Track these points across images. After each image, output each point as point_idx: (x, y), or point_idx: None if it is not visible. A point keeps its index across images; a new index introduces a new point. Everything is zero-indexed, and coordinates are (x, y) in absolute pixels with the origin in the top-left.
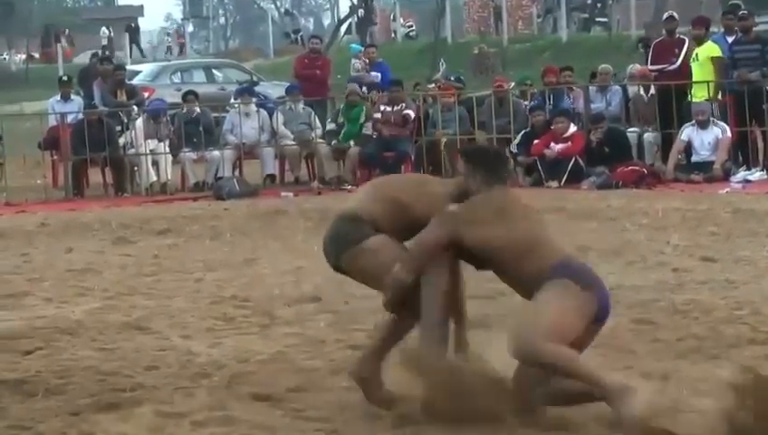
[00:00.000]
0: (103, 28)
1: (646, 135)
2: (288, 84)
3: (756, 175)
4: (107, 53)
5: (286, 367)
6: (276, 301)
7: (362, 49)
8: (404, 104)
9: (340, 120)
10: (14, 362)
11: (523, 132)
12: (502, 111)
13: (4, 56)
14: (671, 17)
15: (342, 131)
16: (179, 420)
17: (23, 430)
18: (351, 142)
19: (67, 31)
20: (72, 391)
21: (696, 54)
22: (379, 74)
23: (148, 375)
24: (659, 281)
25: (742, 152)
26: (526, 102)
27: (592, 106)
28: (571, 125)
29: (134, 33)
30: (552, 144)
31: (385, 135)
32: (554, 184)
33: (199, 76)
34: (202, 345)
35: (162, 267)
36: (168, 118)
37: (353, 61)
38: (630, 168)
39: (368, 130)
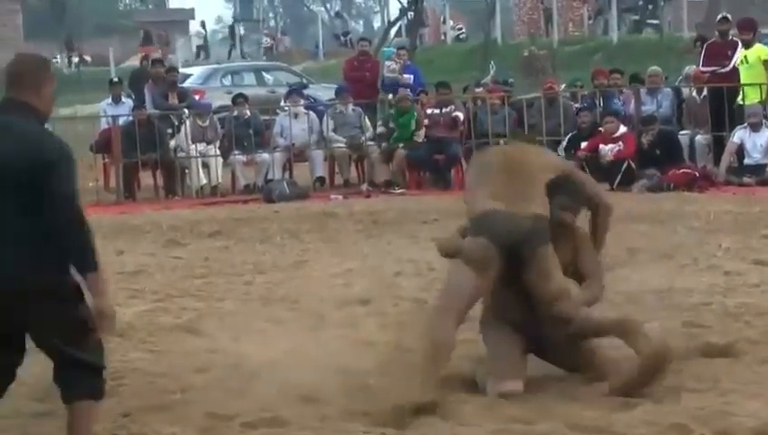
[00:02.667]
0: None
1: (697, 137)
2: (337, 86)
3: None
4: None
5: (335, 369)
6: (326, 303)
7: (394, 51)
8: (453, 106)
9: (391, 124)
10: None
11: (569, 135)
12: (552, 113)
13: (57, 59)
14: (724, 18)
15: (392, 136)
16: (229, 422)
17: None
18: (402, 148)
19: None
20: (123, 392)
21: (746, 57)
22: (411, 76)
23: (198, 377)
24: (711, 284)
25: None
26: (576, 104)
27: (643, 108)
28: (621, 126)
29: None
30: (602, 145)
31: (434, 138)
32: (606, 187)
33: (249, 79)
34: (252, 347)
35: (212, 270)
36: (217, 120)
37: (387, 62)
38: (682, 170)
39: (419, 137)
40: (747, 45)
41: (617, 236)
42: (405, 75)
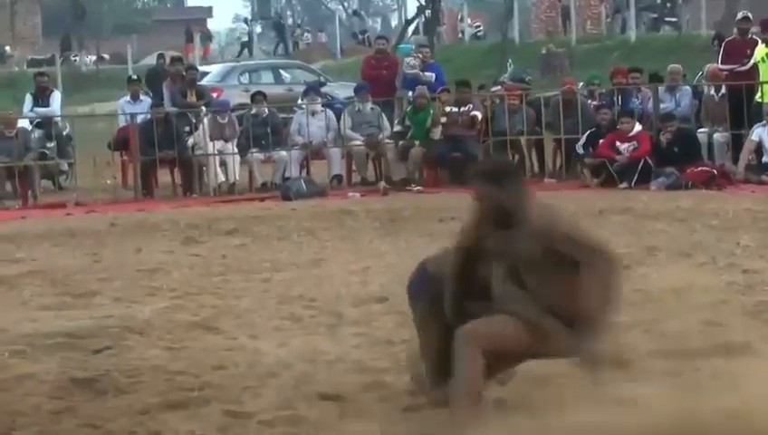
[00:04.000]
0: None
1: (716, 135)
2: (355, 85)
3: None
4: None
5: (353, 367)
6: (343, 301)
7: (413, 47)
8: (471, 105)
9: (407, 122)
10: (84, 360)
11: (588, 132)
12: (569, 112)
13: (75, 57)
14: (746, 18)
15: (409, 134)
16: (247, 420)
17: (92, 428)
18: (417, 143)
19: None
20: (141, 389)
21: (767, 54)
22: (434, 74)
23: (216, 374)
24: (729, 282)
25: None
26: (594, 103)
27: (661, 106)
28: (636, 124)
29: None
30: (618, 143)
31: (452, 135)
32: (624, 185)
33: (267, 77)
34: (269, 345)
35: (230, 267)
36: (235, 118)
37: (406, 59)
38: (700, 168)
39: (435, 134)
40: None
41: (635, 234)
42: (427, 73)
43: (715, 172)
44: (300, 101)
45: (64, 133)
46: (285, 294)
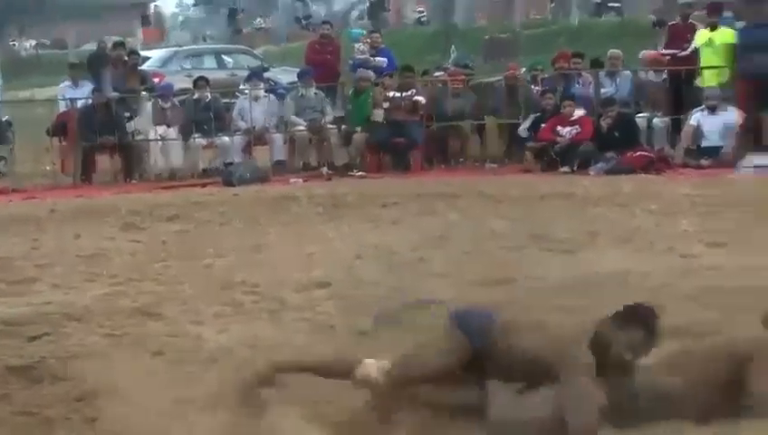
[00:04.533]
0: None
1: (655, 120)
2: (299, 70)
3: (766, 160)
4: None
5: (296, 352)
6: (286, 287)
7: (363, 33)
8: (414, 90)
9: (349, 106)
10: (20, 347)
11: (533, 116)
12: (513, 97)
13: (14, 42)
14: (688, 3)
15: (351, 117)
16: (187, 406)
17: (28, 415)
18: (359, 128)
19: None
20: (79, 376)
21: (710, 39)
22: (385, 60)
23: (157, 361)
24: (669, 267)
25: (752, 137)
26: (537, 88)
27: (602, 91)
28: (579, 109)
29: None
30: (560, 128)
31: (395, 121)
32: (566, 169)
33: (210, 62)
34: (211, 331)
35: (171, 253)
36: (177, 103)
37: (356, 45)
38: (639, 153)
39: (375, 116)
40: (713, 28)
41: (576, 219)
42: (378, 58)
43: (655, 157)
44: (242, 87)
45: (3, 119)
46: (227, 280)
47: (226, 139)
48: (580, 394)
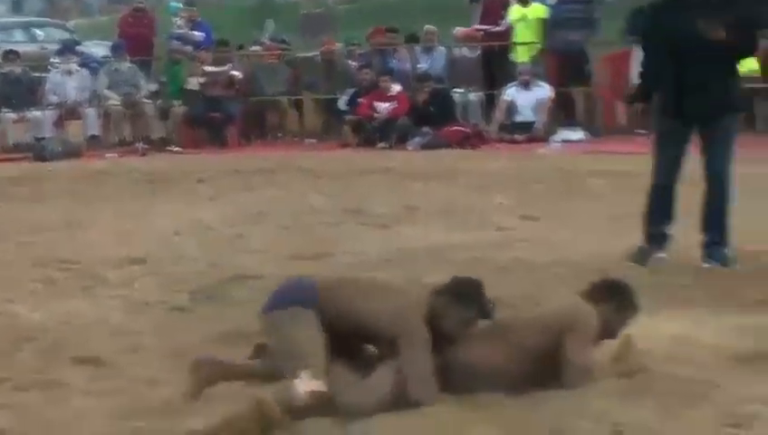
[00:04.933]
0: None
1: (470, 95)
2: (113, 43)
3: (576, 135)
4: None
5: (111, 330)
6: (102, 263)
7: (181, 7)
8: (231, 65)
9: (163, 79)
10: None
11: (351, 91)
12: (330, 73)
13: None
14: None
15: (166, 90)
16: (0, 385)
17: None
18: (177, 102)
19: None
20: None
21: (524, 15)
22: (203, 34)
23: None
24: (484, 240)
25: (562, 113)
26: (354, 63)
27: (417, 66)
28: (396, 85)
29: None
30: (377, 103)
31: (211, 96)
32: (383, 144)
33: (19, 35)
34: (25, 309)
35: None
36: None
37: (174, 19)
38: (455, 128)
39: (190, 84)
40: (525, 3)
41: (394, 193)
42: (196, 33)
43: (470, 132)
44: (54, 60)
45: None
46: (42, 257)
47: (38, 113)
48: (421, 369)
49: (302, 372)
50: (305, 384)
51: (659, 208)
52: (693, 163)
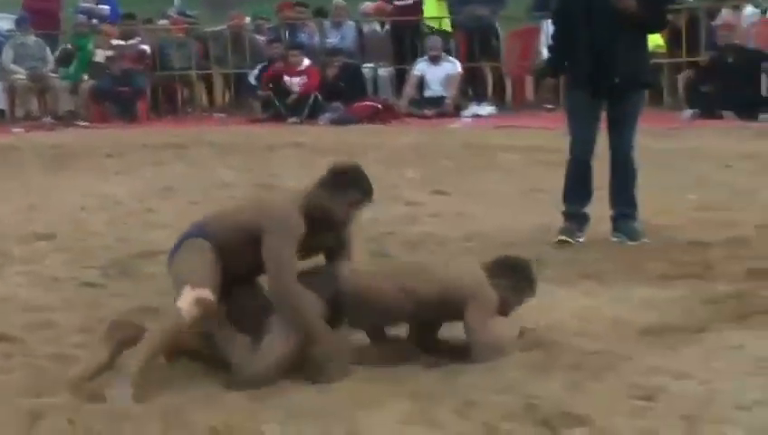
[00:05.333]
0: None
1: (380, 70)
2: (18, 16)
3: (486, 110)
4: None
5: (20, 306)
6: (8, 239)
7: None
8: (139, 39)
9: (70, 52)
10: None
11: (260, 66)
12: (238, 47)
13: None
14: None
15: (73, 64)
16: None
17: None
18: (85, 76)
19: None
20: None
21: None
22: (108, 7)
23: None
24: (394, 215)
25: (472, 87)
26: (262, 38)
27: (327, 41)
28: (305, 59)
29: None
30: (287, 78)
31: (119, 70)
32: (294, 119)
33: None
34: None
35: None
36: None
37: None
38: (366, 103)
39: (97, 57)
40: None
41: (305, 168)
42: (101, 6)
43: (380, 107)
44: None
45: None
46: None
47: None
48: (282, 258)
49: (184, 288)
50: (186, 298)
51: (577, 187)
52: (601, 138)
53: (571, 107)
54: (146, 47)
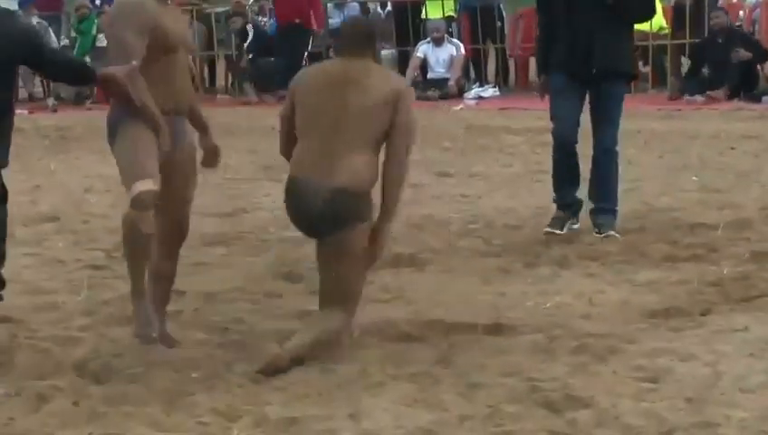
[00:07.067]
0: None
1: (383, 52)
2: None
3: (489, 92)
4: None
5: (25, 288)
6: (13, 221)
7: None
8: None
9: (73, 34)
10: None
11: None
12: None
13: None
14: None
15: (76, 45)
16: None
17: None
18: (87, 58)
19: None
20: None
21: None
22: None
23: None
24: None
25: (475, 70)
26: (265, 19)
27: (331, 22)
28: None
29: None
30: None
31: None
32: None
33: None
34: None
35: None
36: None
37: None
38: None
39: (101, 42)
40: None
41: None
42: None
43: None
44: None
45: None
46: None
47: None
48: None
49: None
50: (130, 193)
51: (565, 173)
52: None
53: (553, 89)
54: None
